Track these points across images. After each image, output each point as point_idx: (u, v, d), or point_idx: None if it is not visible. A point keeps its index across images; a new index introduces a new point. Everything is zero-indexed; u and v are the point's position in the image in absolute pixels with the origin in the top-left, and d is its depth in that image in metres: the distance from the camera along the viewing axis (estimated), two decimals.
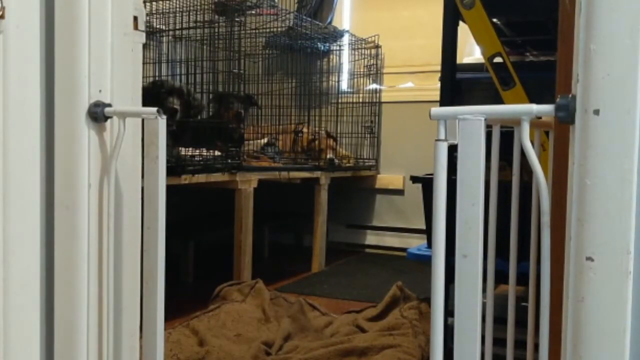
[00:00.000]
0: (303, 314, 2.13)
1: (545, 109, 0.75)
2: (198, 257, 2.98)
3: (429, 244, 2.31)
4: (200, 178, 2.35)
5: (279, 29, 3.45)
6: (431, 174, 0.79)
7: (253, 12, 3.26)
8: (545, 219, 0.77)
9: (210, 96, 2.89)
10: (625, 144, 0.68)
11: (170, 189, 1.03)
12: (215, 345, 1.80)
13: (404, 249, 3.57)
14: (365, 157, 3.87)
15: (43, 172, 0.99)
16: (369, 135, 3.89)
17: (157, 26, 3.03)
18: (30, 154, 0.97)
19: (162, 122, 0.97)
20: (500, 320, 1.02)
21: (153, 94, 2.35)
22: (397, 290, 2.22)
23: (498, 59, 1.64)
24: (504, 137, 0.98)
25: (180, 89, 2.49)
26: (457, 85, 1.81)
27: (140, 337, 1.06)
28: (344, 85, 3.99)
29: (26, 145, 0.96)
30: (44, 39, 0.98)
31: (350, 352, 1.78)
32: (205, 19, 2.90)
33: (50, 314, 1.00)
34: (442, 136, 0.78)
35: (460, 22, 1.73)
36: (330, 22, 3.86)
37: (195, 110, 2.59)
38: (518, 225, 1.01)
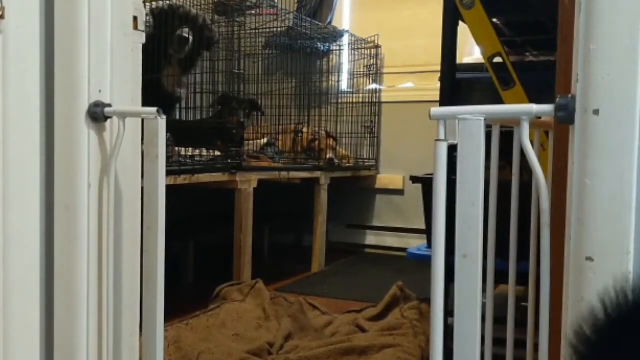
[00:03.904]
0: (303, 314, 2.13)
1: (545, 109, 0.75)
2: (198, 257, 2.98)
3: (429, 244, 2.31)
4: (200, 178, 2.35)
5: (279, 29, 3.45)
6: (431, 174, 0.79)
7: (253, 12, 3.26)
8: (545, 219, 0.77)
9: (211, 97, 2.88)
10: (625, 144, 0.68)
11: (170, 189, 1.03)
12: (214, 343, 1.80)
13: (404, 249, 3.57)
14: (365, 157, 3.86)
15: (43, 172, 0.99)
16: (369, 135, 3.88)
17: None
18: (30, 154, 0.97)
19: (162, 122, 0.97)
20: (500, 320, 1.02)
21: (166, 21, 2.28)
22: (397, 290, 2.22)
23: (498, 59, 1.64)
24: (504, 137, 0.98)
25: (195, 17, 2.38)
26: (457, 85, 1.81)
27: (140, 336, 1.06)
28: (344, 85, 3.99)
29: (26, 146, 0.96)
30: (44, 39, 0.98)
31: (350, 351, 1.78)
32: None
33: (50, 314, 1.00)
34: (442, 136, 0.78)
35: (460, 22, 1.73)
36: (330, 22, 3.86)
37: (208, 41, 2.47)
38: (518, 225, 1.01)
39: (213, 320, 2.01)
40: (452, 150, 0.78)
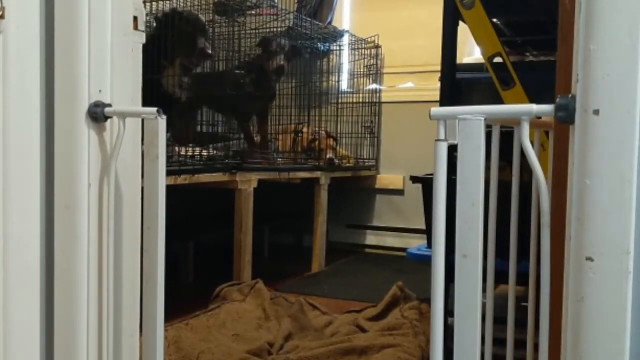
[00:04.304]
0: (303, 314, 2.13)
1: (545, 109, 0.75)
2: (198, 257, 2.98)
3: (429, 244, 2.31)
4: (200, 178, 2.35)
5: (279, 29, 3.44)
6: (431, 174, 0.79)
7: (253, 12, 3.25)
8: (545, 219, 0.77)
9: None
10: (625, 144, 0.68)
11: (170, 189, 1.03)
12: (214, 343, 1.80)
13: (404, 249, 3.57)
14: (365, 157, 3.86)
15: (43, 172, 0.99)
16: (369, 135, 3.89)
17: None
18: (30, 153, 0.97)
19: (162, 122, 0.97)
20: (500, 320, 1.02)
21: (169, 26, 2.24)
22: (397, 290, 2.22)
23: (498, 59, 1.64)
24: (504, 137, 0.98)
25: (203, 26, 2.34)
26: (457, 85, 1.81)
27: (140, 336, 1.06)
28: (344, 85, 3.99)
29: (26, 145, 0.96)
30: (44, 39, 0.98)
31: (350, 351, 1.78)
32: (206, 19, 2.90)
33: (50, 314, 1.00)
34: (442, 136, 0.77)
35: (460, 22, 1.73)
36: (330, 22, 3.86)
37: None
38: (518, 225, 1.01)
39: (213, 320, 2.01)
40: (452, 150, 0.78)
